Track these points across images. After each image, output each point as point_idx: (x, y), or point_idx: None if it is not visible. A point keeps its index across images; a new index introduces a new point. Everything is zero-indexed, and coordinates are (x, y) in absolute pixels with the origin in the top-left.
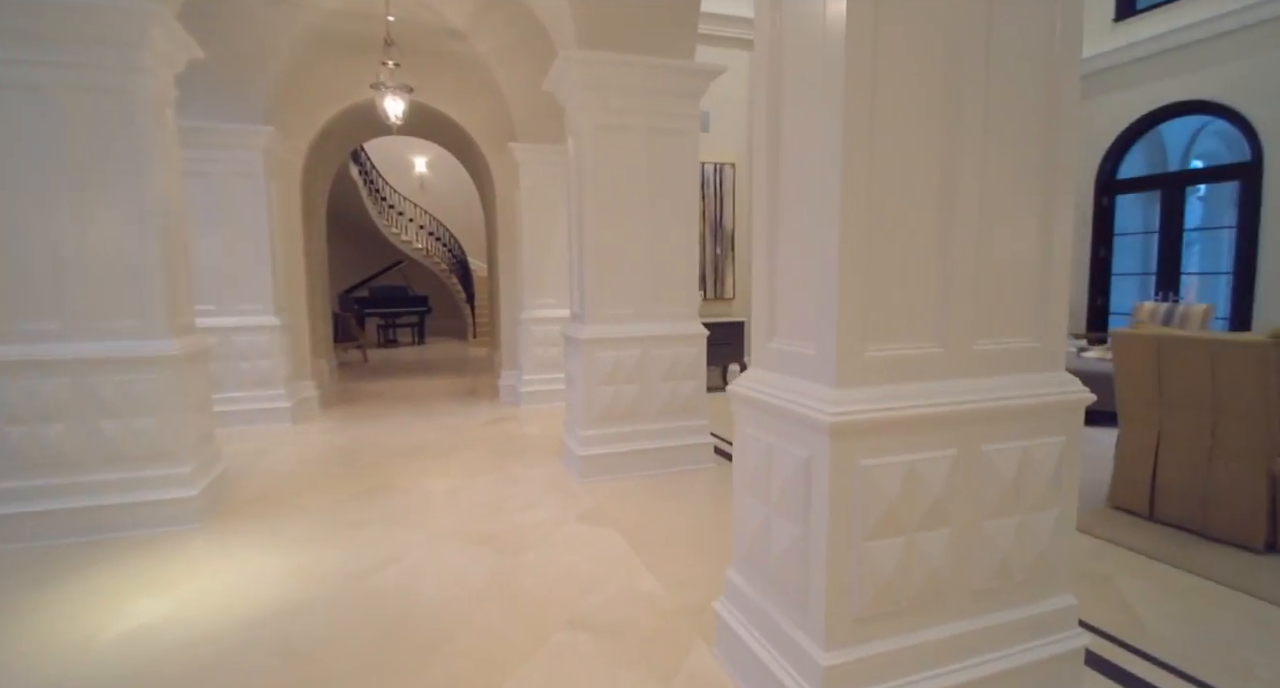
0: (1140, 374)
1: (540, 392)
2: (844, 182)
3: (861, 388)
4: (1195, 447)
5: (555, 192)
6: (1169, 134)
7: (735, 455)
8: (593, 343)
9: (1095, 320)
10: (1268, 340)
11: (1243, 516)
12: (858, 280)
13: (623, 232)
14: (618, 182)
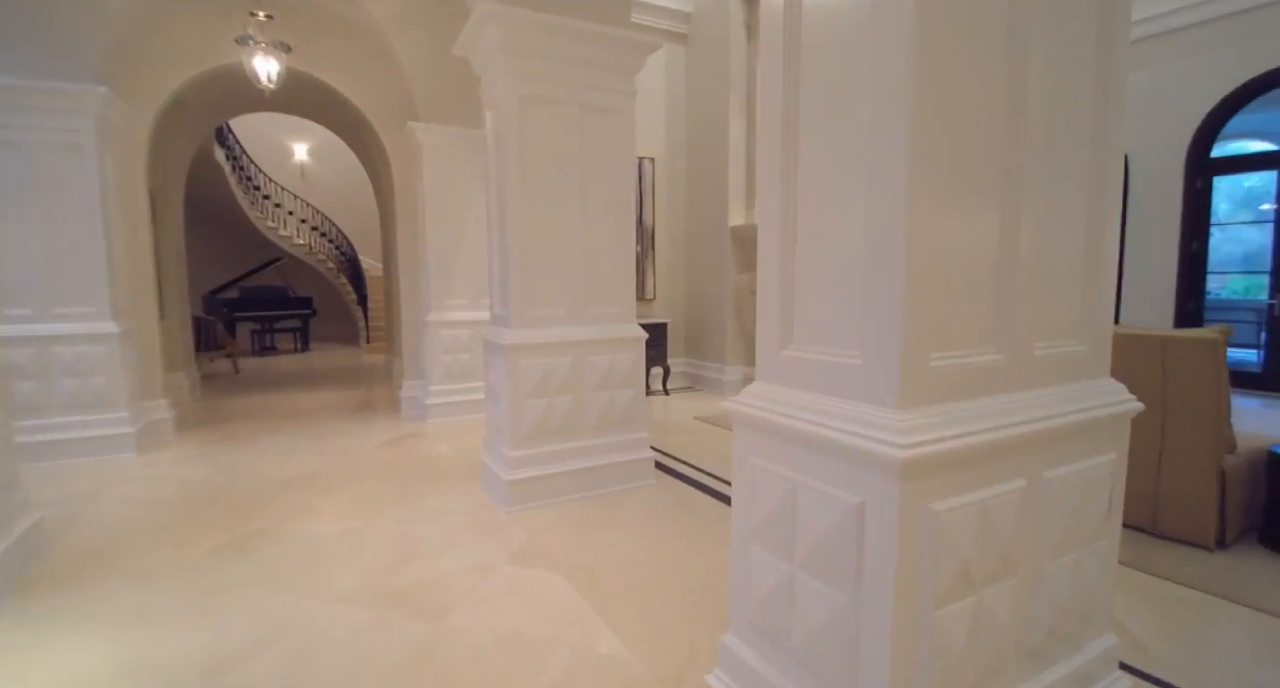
0: None
1: (450, 404)
2: (912, 156)
3: (927, 408)
4: (1146, 445)
5: (466, 180)
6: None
7: (737, 493)
8: (519, 350)
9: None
10: (1217, 336)
11: (1193, 514)
12: (923, 270)
13: (552, 223)
14: (546, 164)
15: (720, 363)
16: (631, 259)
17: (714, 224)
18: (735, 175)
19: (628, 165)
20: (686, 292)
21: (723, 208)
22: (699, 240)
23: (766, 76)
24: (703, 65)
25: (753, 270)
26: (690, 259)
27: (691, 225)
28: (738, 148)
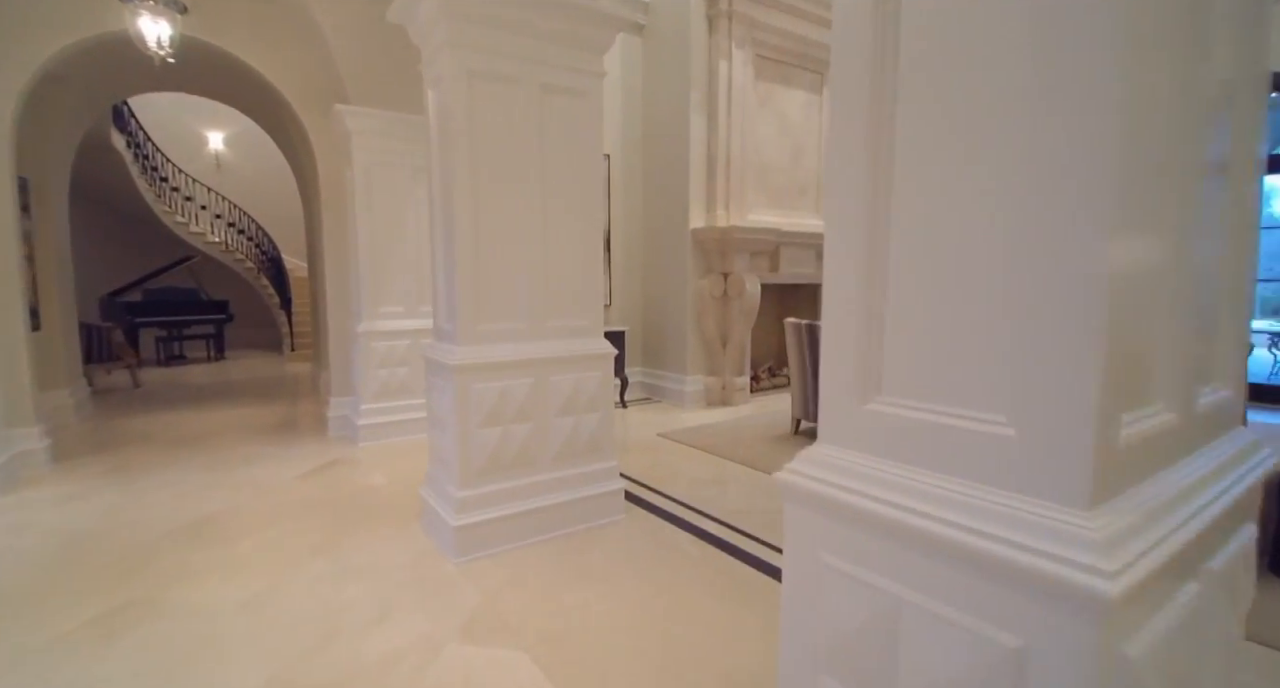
0: None
1: (385, 425)
2: (1122, 141)
3: (1119, 502)
4: None
5: (404, 171)
6: None
7: (791, 596)
8: (468, 371)
9: None
10: None
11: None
12: (1122, 300)
13: (507, 222)
14: (500, 154)
15: (680, 373)
16: (600, 265)
17: (673, 226)
18: (696, 175)
19: (595, 157)
20: (644, 297)
21: (682, 209)
22: (657, 243)
23: (845, 31)
24: (661, 58)
25: (714, 274)
26: (648, 263)
27: (649, 227)
28: (698, 146)
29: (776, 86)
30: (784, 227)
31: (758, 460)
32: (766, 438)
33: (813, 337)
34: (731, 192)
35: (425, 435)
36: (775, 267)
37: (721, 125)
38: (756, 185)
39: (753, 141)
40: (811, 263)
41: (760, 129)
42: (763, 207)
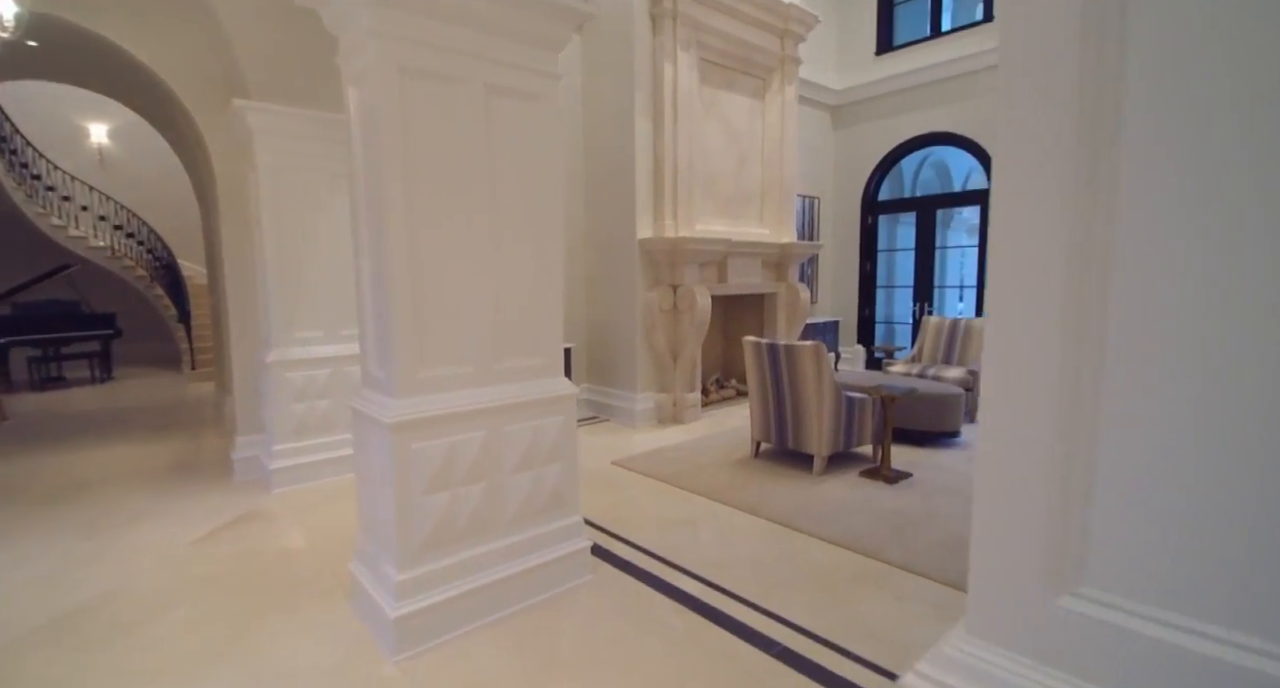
0: None
1: (304, 466)
2: None
3: None
4: None
5: (318, 175)
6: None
7: None
8: (409, 428)
9: (864, 330)
10: None
11: None
12: None
13: (450, 245)
14: (440, 165)
15: (630, 391)
16: (560, 293)
17: (619, 236)
18: (642, 182)
19: (553, 171)
20: (589, 311)
21: (629, 218)
22: (603, 253)
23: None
24: (602, 57)
25: (663, 286)
26: (592, 274)
27: (593, 236)
28: (644, 152)
29: (721, 92)
30: (732, 236)
31: (725, 492)
32: (728, 463)
33: (774, 357)
34: (679, 200)
35: (353, 475)
36: (723, 277)
37: (668, 130)
38: (704, 194)
39: (700, 148)
40: (758, 273)
41: (707, 135)
42: (711, 216)
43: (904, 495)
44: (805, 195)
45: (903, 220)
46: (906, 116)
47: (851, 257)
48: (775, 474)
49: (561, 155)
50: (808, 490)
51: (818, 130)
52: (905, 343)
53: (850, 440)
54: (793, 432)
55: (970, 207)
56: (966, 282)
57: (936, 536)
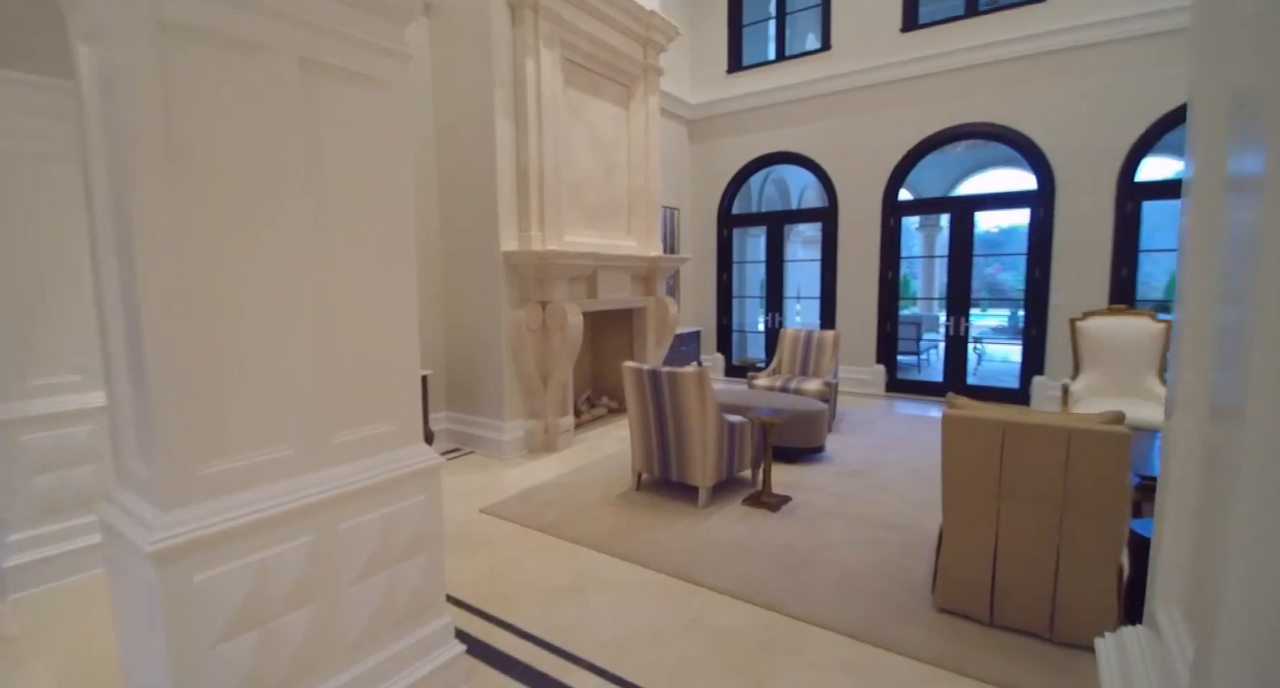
0: (981, 464)
1: (56, 559)
2: None
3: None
4: (1044, 545)
5: (71, 165)
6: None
7: None
8: (187, 554)
9: (722, 338)
10: (1125, 430)
11: (1094, 615)
12: None
13: (252, 272)
14: (231, 161)
15: (497, 418)
16: (414, 335)
17: (481, 248)
18: (505, 189)
19: (400, 178)
20: (446, 331)
21: (491, 228)
22: (461, 267)
23: None
24: (455, 44)
25: (531, 303)
26: (450, 290)
27: (451, 247)
28: (506, 156)
29: (587, 97)
30: (602, 249)
31: (613, 541)
32: (610, 500)
33: (656, 384)
34: (546, 210)
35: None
36: (594, 292)
37: (532, 134)
38: (571, 204)
39: (567, 155)
40: (627, 287)
41: (573, 142)
42: (579, 227)
43: (790, 524)
44: (666, 207)
45: (751, 233)
46: (756, 135)
47: (709, 268)
48: (661, 510)
49: (411, 158)
50: (697, 528)
51: (676, 143)
52: (758, 351)
53: (732, 467)
54: (676, 463)
55: (813, 223)
56: (805, 293)
57: (832, 576)
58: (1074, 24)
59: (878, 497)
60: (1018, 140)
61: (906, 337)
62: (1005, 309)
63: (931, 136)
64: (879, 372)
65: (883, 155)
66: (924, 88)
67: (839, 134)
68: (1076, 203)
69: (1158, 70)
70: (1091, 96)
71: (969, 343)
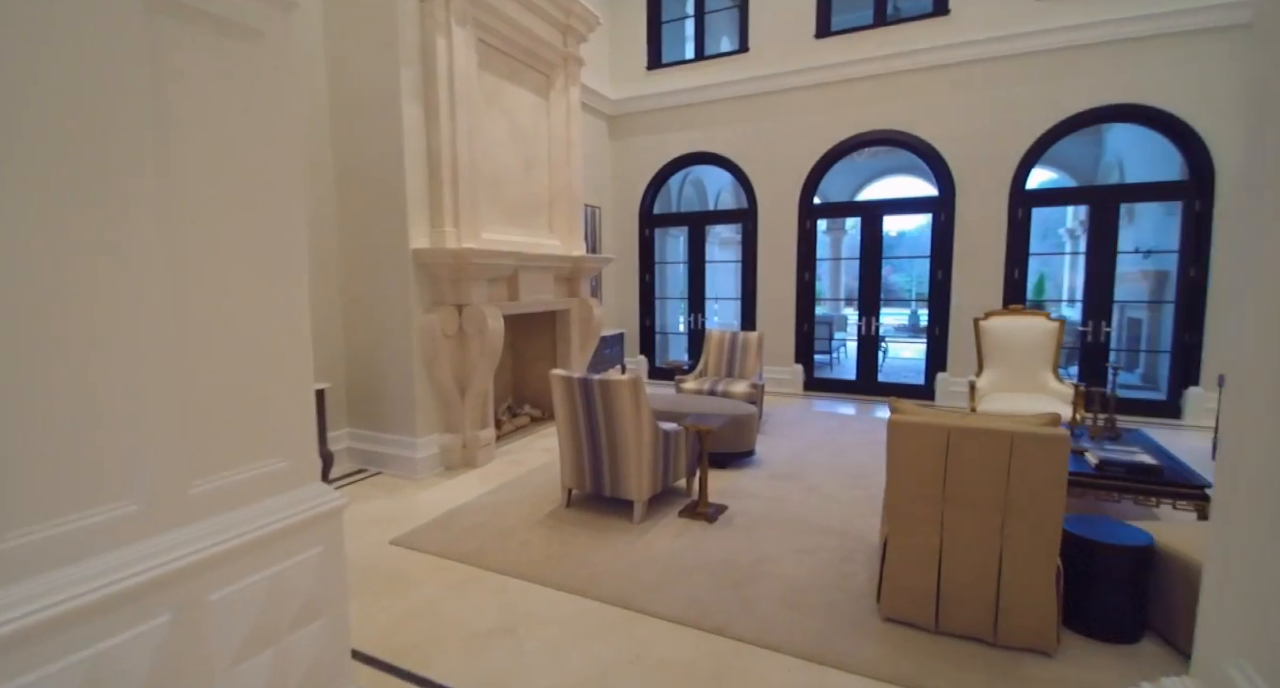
0: (926, 469)
1: None
2: None
3: None
4: (987, 549)
5: None
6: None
7: None
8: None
9: (645, 340)
10: (1064, 433)
11: (1035, 619)
12: None
13: (77, 274)
14: (47, 130)
15: (409, 434)
16: (306, 349)
17: (387, 245)
18: (415, 180)
19: (284, 153)
20: (348, 338)
21: (398, 224)
22: (365, 267)
23: None
24: (354, 22)
25: (445, 307)
26: (351, 292)
27: (351, 246)
28: (415, 143)
29: (504, 83)
30: (524, 248)
31: (545, 568)
32: (539, 520)
33: (587, 394)
34: (461, 205)
35: None
36: (515, 294)
37: (444, 120)
38: (489, 198)
39: (483, 145)
40: (550, 288)
41: (490, 131)
42: (499, 224)
43: (729, 536)
44: (588, 205)
45: (672, 234)
46: (677, 134)
47: (632, 268)
48: (595, 529)
49: (297, 133)
50: (634, 546)
51: (596, 139)
52: (679, 353)
53: (667, 478)
54: (610, 477)
55: (732, 224)
56: (721, 294)
57: (777, 590)
58: (972, 38)
59: (810, 500)
60: (922, 148)
61: (820, 336)
62: (902, 308)
63: (845, 142)
64: (798, 371)
65: (799, 159)
66: (838, 94)
67: (758, 136)
68: (974, 208)
69: (1046, 86)
70: (988, 108)
71: (879, 342)
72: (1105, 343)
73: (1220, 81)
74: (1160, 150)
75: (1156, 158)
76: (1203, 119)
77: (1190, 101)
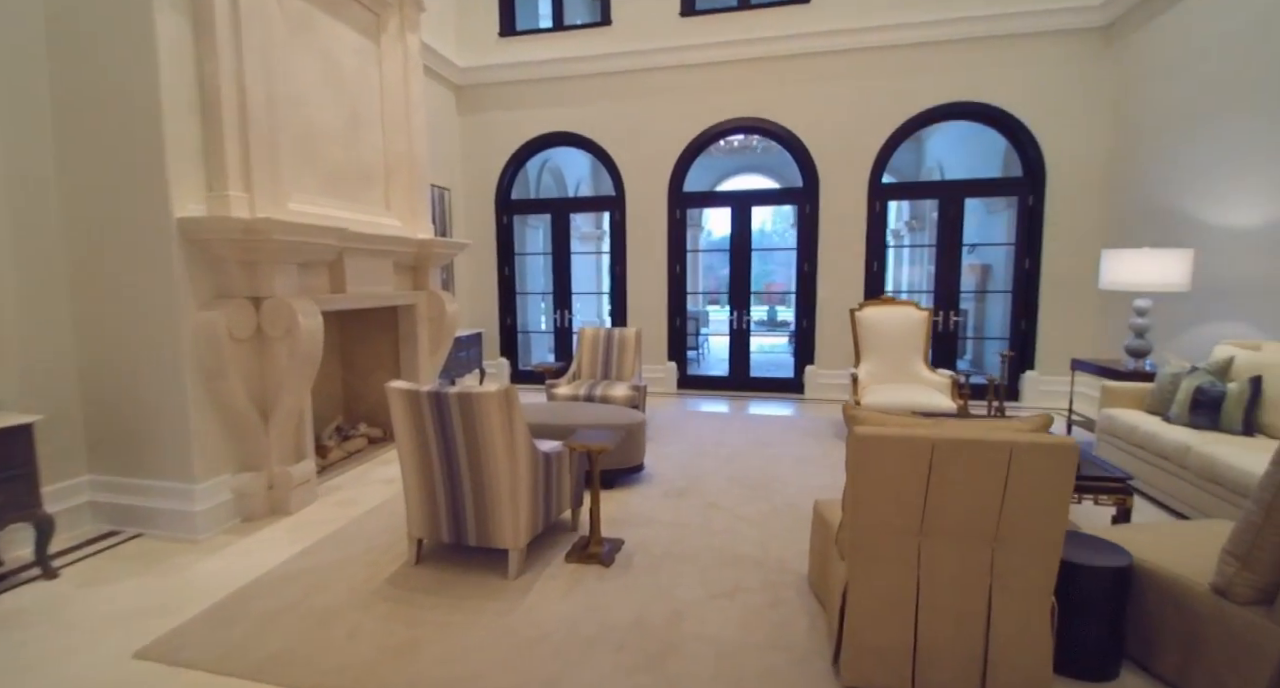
0: (902, 494)
1: None
2: None
3: None
4: (971, 589)
5: None
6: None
7: None
8: None
9: (507, 340)
10: (1070, 440)
11: (1033, 672)
12: None
13: None
14: None
15: (182, 479)
16: None
17: (139, 215)
18: (179, 124)
19: None
20: (81, 347)
21: (155, 185)
22: (106, 246)
23: None
24: None
25: (235, 300)
26: (84, 282)
27: (81, 216)
28: (179, 73)
29: (317, 11)
30: (351, 225)
31: (384, 676)
32: (374, 589)
33: (441, 411)
34: (256, 162)
35: None
36: (340, 284)
37: (225, 43)
38: (301, 158)
39: (288, 87)
40: (389, 278)
41: (299, 71)
42: (314, 193)
43: (632, 584)
44: (436, 186)
45: (531, 224)
46: (535, 111)
47: (489, 260)
48: (457, 595)
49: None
50: (513, 615)
51: (444, 112)
52: (543, 353)
53: (550, 513)
54: (475, 521)
55: (595, 213)
56: (585, 289)
57: (707, 661)
58: (830, 28)
59: (714, 521)
60: (787, 138)
61: (688, 331)
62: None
63: (713, 128)
64: (671, 369)
65: (667, 143)
66: (705, 77)
67: (624, 118)
68: (837, 201)
69: (901, 80)
70: (848, 99)
71: (749, 336)
72: (955, 332)
73: (1053, 84)
74: (978, 153)
75: (973, 160)
76: (1037, 119)
77: (1026, 102)
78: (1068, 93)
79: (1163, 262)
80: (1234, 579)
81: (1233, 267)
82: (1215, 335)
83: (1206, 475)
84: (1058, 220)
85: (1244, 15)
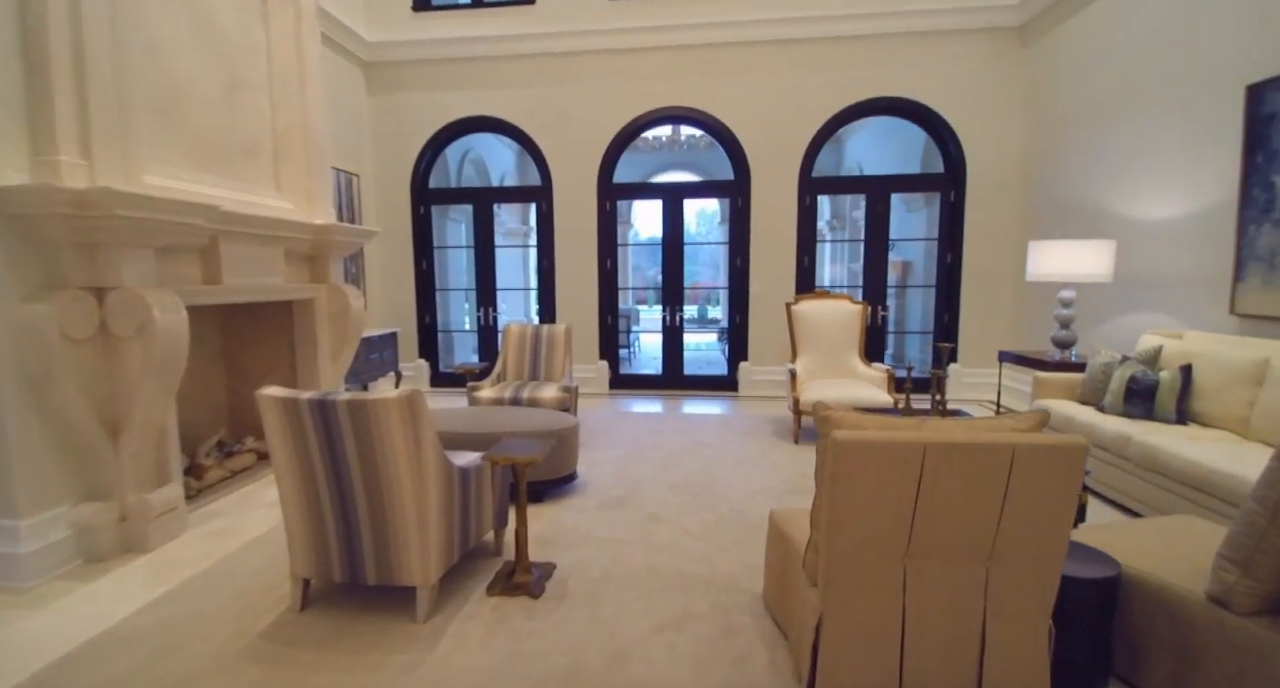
0: (887, 507)
1: None
2: None
3: None
4: (964, 615)
5: None
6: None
7: None
8: None
9: (426, 340)
10: (1079, 439)
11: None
12: None
13: None
14: None
15: (4, 514)
16: None
17: None
18: None
19: None
20: None
21: None
22: None
23: None
24: None
25: (70, 291)
26: None
27: None
28: None
29: None
30: (227, 204)
31: None
32: (245, 645)
33: (327, 423)
34: (97, 122)
35: None
36: (214, 273)
37: None
38: (163, 123)
39: (143, 34)
40: (279, 269)
41: (159, 18)
42: (180, 165)
43: (566, 619)
44: (342, 170)
45: (452, 216)
46: (454, 94)
47: (404, 254)
48: (350, 649)
49: None
50: (420, 669)
51: (350, 90)
52: (467, 353)
53: (468, 539)
54: (373, 555)
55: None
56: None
57: None
58: (760, 17)
59: (656, 536)
60: (718, 128)
61: (620, 329)
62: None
63: (643, 116)
64: (603, 368)
65: (596, 132)
66: (635, 64)
67: (550, 103)
68: (769, 194)
69: (830, 74)
70: (778, 91)
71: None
72: (884, 326)
73: (972, 81)
74: (897, 152)
75: (893, 159)
76: (958, 116)
77: (948, 99)
78: (986, 90)
79: (1087, 253)
80: (1234, 588)
81: (1150, 258)
82: (1136, 326)
83: (1148, 466)
84: (979, 215)
85: (1152, 16)
